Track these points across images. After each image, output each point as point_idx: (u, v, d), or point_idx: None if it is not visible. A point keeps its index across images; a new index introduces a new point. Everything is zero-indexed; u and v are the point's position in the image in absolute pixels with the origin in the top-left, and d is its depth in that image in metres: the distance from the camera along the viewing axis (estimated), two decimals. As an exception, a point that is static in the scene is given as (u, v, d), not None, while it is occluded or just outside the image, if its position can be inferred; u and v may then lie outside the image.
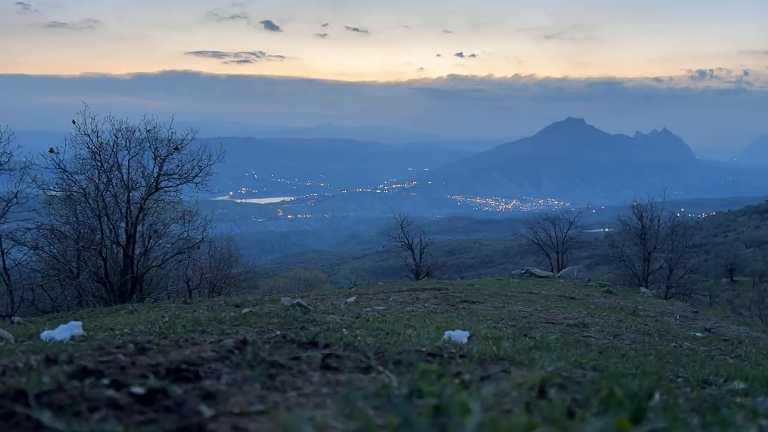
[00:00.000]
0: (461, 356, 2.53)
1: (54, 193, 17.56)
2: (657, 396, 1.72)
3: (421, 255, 32.22)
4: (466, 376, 1.99)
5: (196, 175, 17.87)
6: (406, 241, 32.47)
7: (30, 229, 16.86)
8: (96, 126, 17.01)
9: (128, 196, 17.09)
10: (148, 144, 17.62)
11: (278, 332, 3.42)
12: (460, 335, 3.58)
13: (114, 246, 17.41)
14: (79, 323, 3.75)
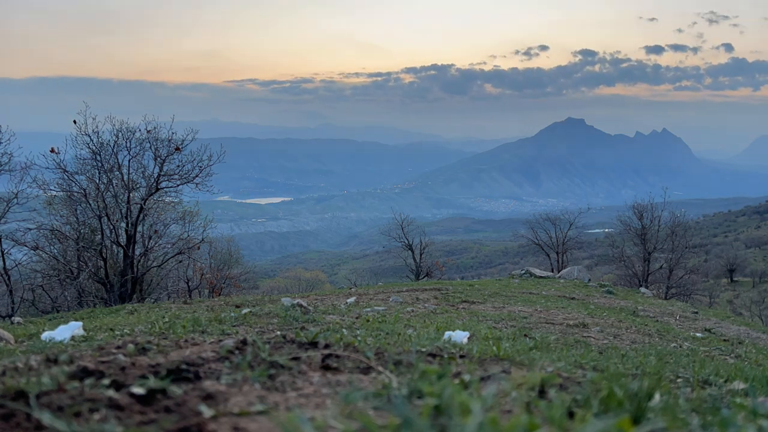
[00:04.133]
0: (461, 356, 2.53)
1: (54, 193, 17.57)
2: (657, 396, 1.72)
3: (421, 255, 32.25)
4: (466, 377, 1.99)
5: (197, 176, 17.87)
6: (406, 242, 32.52)
7: (30, 230, 16.87)
8: (97, 126, 17.05)
9: (128, 197, 17.08)
10: (148, 144, 17.63)
11: (278, 332, 3.42)
12: (460, 335, 3.58)
13: (114, 246, 17.42)
14: (80, 323, 3.76)
